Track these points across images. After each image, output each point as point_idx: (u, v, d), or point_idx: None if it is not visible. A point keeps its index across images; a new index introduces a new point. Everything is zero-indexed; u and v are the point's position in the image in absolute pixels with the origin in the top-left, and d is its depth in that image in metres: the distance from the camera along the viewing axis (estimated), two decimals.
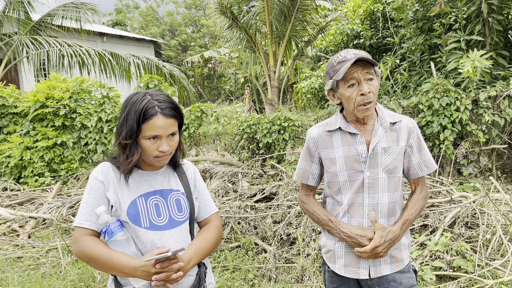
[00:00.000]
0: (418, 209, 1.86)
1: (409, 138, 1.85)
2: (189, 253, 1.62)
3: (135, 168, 1.70)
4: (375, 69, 1.77)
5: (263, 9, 9.26)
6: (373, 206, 1.81)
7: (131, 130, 1.56)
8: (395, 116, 1.88)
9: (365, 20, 9.47)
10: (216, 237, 1.77)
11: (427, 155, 1.87)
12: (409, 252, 1.92)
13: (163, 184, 1.72)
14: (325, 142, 1.90)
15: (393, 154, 1.81)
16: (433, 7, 6.42)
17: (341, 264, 1.89)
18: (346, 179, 1.84)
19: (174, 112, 1.61)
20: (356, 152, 1.81)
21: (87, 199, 1.62)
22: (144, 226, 1.61)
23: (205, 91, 30.65)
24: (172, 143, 1.63)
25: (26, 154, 7.29)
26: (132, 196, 1.63)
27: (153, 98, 1.59)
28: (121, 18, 37.78)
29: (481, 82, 6.22)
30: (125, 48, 17.89)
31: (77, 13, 11.22)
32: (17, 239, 5.03)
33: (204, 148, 8.05)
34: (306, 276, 3.67)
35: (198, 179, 1.86)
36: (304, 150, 2.01)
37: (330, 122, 1.92)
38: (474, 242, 3.89)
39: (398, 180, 1.84)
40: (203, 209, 1.84)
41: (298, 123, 6.75)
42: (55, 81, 7.87)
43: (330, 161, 1.88)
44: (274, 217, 4.53)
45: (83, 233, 1.58)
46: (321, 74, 10.58)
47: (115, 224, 1.54)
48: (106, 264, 1.51)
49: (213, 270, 3.91)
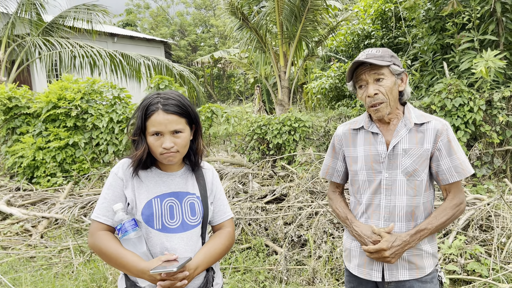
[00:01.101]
0: (443, 218, 1.75)
1: (437, 141, 1.75)
2: (198, 259, 1.62)
3: (154, 167, 1.72)
4: (391, 67, 1.74)
5: (273, 10, 9.24)
6: (389, 209, 1.78)
7: (137, 126, 1.62)
8: (424, 116, 1.80)
9: (376, 20, 9.40)
10: (227, 244, 1.77)
11: (459, 160, 1.75)
12: (434, 261, 1.83)
13: (180, 186, 1.73)
14: (349, 140, 1.92)
15: (413, 156, 1.75)
16: (445, 6, 6.34)
17: (355, 263, 1.90)
18: (365, 178, 1.83)
19: (177, 108, 1.61)
20: (376, 152, 1.80)
21: (105, 194, 1.65)
22: (156, 228, 1.63)
23: (214, 91, 30.71)
24: (177, 140, 1.62)
25: (39, 155, 7.36)
26: (148, 196, 1.65)
27: (161, 96, 1.62)
28: (132, 18, 38.02)
29: (495, 83, 6.13)
30: (135, 49, 18.01)
31: (89, 14, 11.32)
32: (29, 239, 5.08)
33: (214, 149, 8.06)
34: (317, 279, 3.64)
35: (216, 184, 1.86)
36: (330, 147, 2.04)
37: (356, 121, 1.93)
38: (488, 245, 3.83)
39: (419, 184, 1.76)
40: (218, 214, 1.84)
41: (308, 123, 6.71)
42: (67, 82, 7.93)
43: (352, 159, 1.89)
44: (285, 218, 4.51)
45: (99, 227, 1.62)
46: (332, 75, 10.52)
47: (130, 223, 1.57)
48: (116, 261, 1.54)
49: (224, 271, 3.90)
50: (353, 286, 1.95)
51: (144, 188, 1.67)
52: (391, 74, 1.74)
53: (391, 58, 1.75)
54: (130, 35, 20.05)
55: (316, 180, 5.10)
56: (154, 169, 1.72)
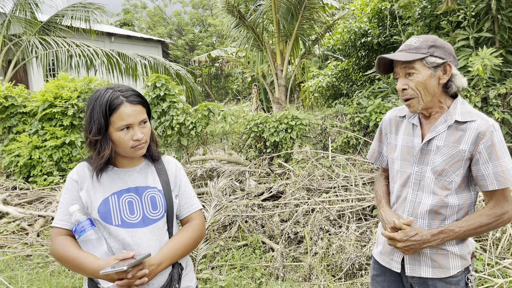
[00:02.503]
0: (475, 225, 1.63)
1: (478, 143, 1.60)
2: (161, 254, 1.58)
3: (110, 166, 1.67)
4: (426, 60, 1.61)
5: (270, 8, 9.24)
6: (414, 204, 1.73)
7: (99, 125, 1.55)
8: (471, 114, 1.65)
9: (373, 18, 9.41)
10: (195, 237, 1.72)
11: (501, 167, 1.59)
12: (463, 263, 1.73)
13: (139, 181, 1.69)
14: (393, 127, 1.89)
15: (445, 155, 1.64)
16: (440, 4, 6.36)
17: (379, 250, 1.91)
18: (399, 168, 1.80)
19: (140, 98, 1.61)
20: (412, 144, 1.76)
21: (62, 199, 1.63)
22: (115, 224, 1.59)
23: (212, 90, 30.70)
24: (145, 130, 1.61)
25: (35, 153, 7.35)
26: (104, 194, 1.61)
27: (115, 90, 1.59)
28: (129, 18, 37.95)
29: (491, 80, 6.15)
30: (132, 48, 17.98)
31: (86, 13, 11.31)
32: (26, 238, 5.07)
33: (211, 147, 8.06)
34: (313, 275, 3.66)
35: (180, 176, 1.81)
36: (377, 131, 2.02)
37: (404, 108, 1.88)
38: (483, 241, 3.85)
39: (448, 184, 1.66)
40: (184, 206, 1.79)
41: (305, 122, 6.72)
42: (64, 81, 7.92)
43: (391, 147, 1.88)
44: (281, 215, 4.52)
45: (58, 233, 1.60)
46: (329, 73, 10.54)
47: (85, 222, 1.53)
48: (73, 264, 1.51)
49: (221, 268, 3.91)
50: (376, 274, 1.94)
51: (100, 187, 1.63)
52: (425, 67, 1.62)
53: (430, 49, 1.62)
54: (127, 34, 20.02)
55: (313, 178, 5.11)
56: (110, 168, 1.67)
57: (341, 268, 3.66)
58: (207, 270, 3.87)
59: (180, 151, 7.52)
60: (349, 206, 4.43)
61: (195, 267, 3.93)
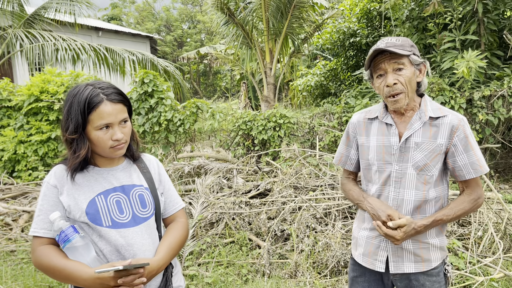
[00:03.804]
0: (460, 212, 1.73)
1: (452, 136, 1.70)
2: (161, 257, 1.54)
3: (91, 166, 1.59)
4: (411, 57, 1.68)
5: (260, 6, 9.25)
6: (397, 202, 1.76)
7: (76, 123, 1.47)
8: (441, 110, 1.74)
9: (362, 19, 9.49)
10: (185, 236, 1.70)
11: (475, 157, 1.70)
12: (442, 254, 1.82)
13: (124, 179, 1.62)
14: (363, 129, 1.89)
15: (425, 150, 1.71)
16: (427, 7, 6.45)
17: (360, 252, 1.89)
18: (376, 169, 1.81)
19: (121, 97, 1.53)
20: (388, 143, 1.77)
21: (40, 206, 1.52)
22: (106, 225, 1.51)
23: (200, 87, 30.58)
24: (125, 130, 1.55)
25: (20, 148, 7.25)
26: (90, 196, 1.52)
27: (96, 87, 1.50)
28: (117, 12, 37.56)
29: (476, 82, 6.27)
30: (120, 44, 17.81)
31: (72, 6, 11.14)
32: (10, 233, 5.01)
33: (199, 144, 8.04)
34: (299, 272, 3.69)
35: (163, 173, 1.77)
36: (344, 135, 2.02)
37: (372, 110, 1.90)
38: (466, 239, 3.93)
39: (429, 178, 1.73)
40: (170, 205, 1.75)
41: (293, 120, 6.76)
42: (50, 75, 7.83)
43: (364, 148, 1.88)
44: (268, 213, 4.54)
45: (39, 243, 1.49)
46: (317, 72, 10.59)
47: (69, 230, 1.43)
48: (61, 275, 1.42)
49: (207, 265, 3.92)
50: (356, 275, 1.94)
51: (84, 188, 1.54)
52: (411, 64, 1.69)
53: (411, 48, 1.70)
54: (115, 29, 19.79)
55: (300, 176, 5.14)
56: (91, 168, 1.59)
57: (326, 265, 3.71)
58: (194, 266, 3.88)
59: (167, 147, 7.49)
60: (336, 205, 4.47)
61: (181, 263, 3.93)
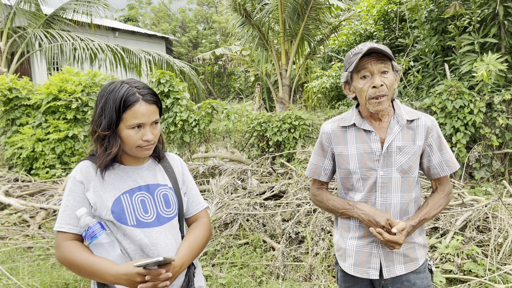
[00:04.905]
0: (439, 209, 1.80)
1: (427, 137, 1.77)
2: (183, 256, 1.53)
3: (117, 163, 1.59)
4: (393, 63, 1.72)
5: (276, 7, 9.24)
6: (385, 207, 1.76)
7: (110, 120, 1.47)
8: (414, 113, 1.80)
9: (379, 21, 9.40)
10: (207, 235, 1.69)
11: (448, 154, 1.80)
12: (425, 251, 1.88)
13: (149, 178, 1.62)
14: (339, 138, 1.85)
15: (408, 153, 1.74)
16: (447, 8, 6.35)
17: (350, 263, 1.84)
18: (359, 177, 1.78)
19: (155, 98, 1.54)
20: (370, 150, 1.76)
21: (66, 201, 1.52)
22: (131, 224, 1.51)
23: (214, 88, 30.70)
24: (155, 131, 1.55)
25: (38, 146, 7.36)
26: (115, 194, 1.53)
27: (132, 86, 1.51)
28: (133, 14, 37.96)
29: (495, 85, 6.15)
30: (136, 44, 17.99)
31: (89, 7, 11.31)
32: (27, 230, 5.09)
33: (214, 145, 8.06)
34: (314, 275, 3.66)
35: (186, 174, 1.77)
36: (317, 145, 1.96)
37: (345, 118, 1.86)
38: (485, 246, 3.85)
39: (412, 180, 1.78)
40: (192, 204, 1.75)
41: (308, 122, 6.72)
42: (68, 74, 7.93)
43: (343, 157, 1.83)
44: (283, 215, 4.52)
45: (64, 238, 1.49)
46: (332, 74, 10.52)
47: (96, 226, 1.44)
48: (87, 271, 1.42)
49: (221, 266, 3.92)
50: (348, 286, 1.92)
51: (110, 186, 1.54)
52: (393, 69, 1.73)
53: (391, 55, 1.72)
54: (132, 30, 20.03)
55: None
56: (117, 166, 1.59)
57: None
58: (208, 267, 3.88)
59: (182, 148, 7.52)
60: None
61: None
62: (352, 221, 1.83)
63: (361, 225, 1.80)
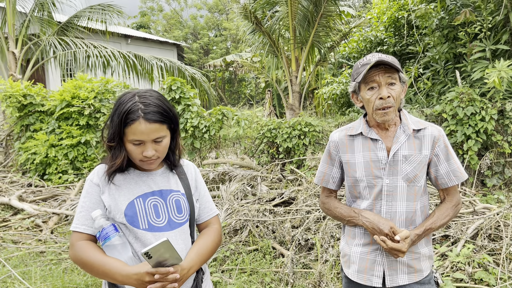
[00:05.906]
0: (446, 219, 1.79)
1: (434, 147, 1.79)
2: (190, 259, 1.56)
3: (132, 168, 1.64)
4: (400, 74, 1.75)
5: (287, 14, 9.29)
6: (390, 215, 1.78)
7: (114, 132, 1.51)
8: (420, 123, 1.82)
9: (389, 27, 9.40)
10: (217, 242, 1.71)
11: (456, 164, 1.80)
12: (431, 263, 1.87)
13: (162, 184, 1.66)
14: (346, 147, 1.89)
15: (414, 162, 1.76)
16: (458, 15, 6.33)
17: (354, 269, 1.87)
18: (366, 185, 1.81)
19: (159, 116, 1.50)
20: (376, 158, 1.79)
21: (83, 203, 1.58)
22: (142, 228, 1.55)
23: (225, 95, 30.84)
24: (159, 147, 1.54)
25: (51, 152, 7.47)
26: (129, 198, 1.57)
27: (140, 101, 1.50)
28: (145, 20, 38.39)
29: (507, 92, 6.10)
30: (148, 51, 18.19)
31: (103, 15, 11.48)
32: (40, 234, 5.16)
33: (224, 151, 8.10)
34: (323, 282, 3.65)
35: (199, 180, 1.79)
36: (325, 153, 2.01)
37: (353, 127, 1.91)
38: (497, 254, 3.81)
39: (419, 189, 1.79)
40: (204, 211, 1.78)
41: (318, 128, 6.73)
42: (81, 81, 8.05)
43: (350, 165, 1.87)
44: (292, 221, 4.53)
45: (78, 238, 1.54)
46: (343, 81, 10.53)
47: (110, 228, 1.49)
48: (99, 270, 1.46)
49: (230, 272, 3.93)
50: None
51: (124, 190, 1.59)
52: (399, 80, 1.76)
53: (398, 66, 1.75)
54: (144, 37, 20.24)
55: None
56: (132, 170, 1.64)
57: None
58: (217, 273, 3.89)
59: (192, 154, 7.57)
60: None
61: None
62: (358, 228, 1.86)
63: (366, 233, 1.83)
